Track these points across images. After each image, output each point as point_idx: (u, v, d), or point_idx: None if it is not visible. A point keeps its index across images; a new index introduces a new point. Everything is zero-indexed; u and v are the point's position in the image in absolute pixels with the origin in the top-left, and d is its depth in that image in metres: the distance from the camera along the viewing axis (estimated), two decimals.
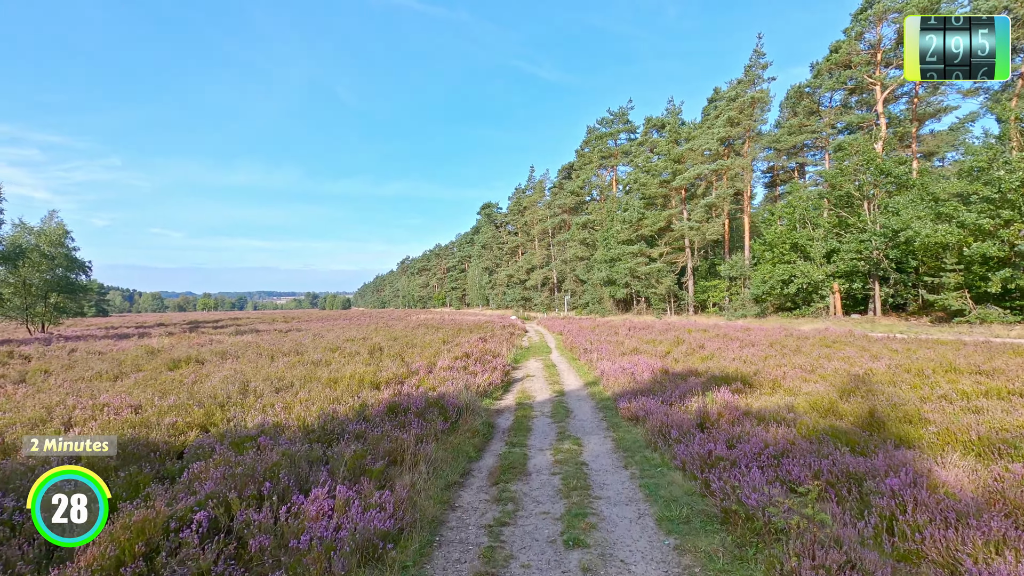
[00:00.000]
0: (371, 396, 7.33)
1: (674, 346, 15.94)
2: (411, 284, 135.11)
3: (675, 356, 13.63)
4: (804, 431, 5.65)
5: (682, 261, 41.44)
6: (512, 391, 10.07)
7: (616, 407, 7.79)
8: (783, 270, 30.41)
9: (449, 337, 20.30)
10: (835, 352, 12.86)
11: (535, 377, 11.92)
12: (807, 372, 10.01)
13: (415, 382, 8.83)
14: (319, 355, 14.57)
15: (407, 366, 10.64)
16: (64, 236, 41.00)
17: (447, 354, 13.38)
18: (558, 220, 60.96)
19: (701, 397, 7.79)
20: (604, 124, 52.67)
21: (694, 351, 14.66)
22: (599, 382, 10.46)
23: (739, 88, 35.73)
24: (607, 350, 14.84)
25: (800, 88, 40.99)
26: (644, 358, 12.76)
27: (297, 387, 8.61)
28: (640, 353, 14.71)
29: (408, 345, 17.34)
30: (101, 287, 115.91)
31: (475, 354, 11.67)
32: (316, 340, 20.65)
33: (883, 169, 28.65)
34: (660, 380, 9.74)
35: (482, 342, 16.59)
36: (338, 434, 5.28)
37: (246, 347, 18.07)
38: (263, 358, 14.91)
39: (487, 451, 5.78)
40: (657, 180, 40.32)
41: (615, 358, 13.12)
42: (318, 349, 16.98)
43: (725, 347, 14.99)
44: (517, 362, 15.13)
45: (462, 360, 10.65)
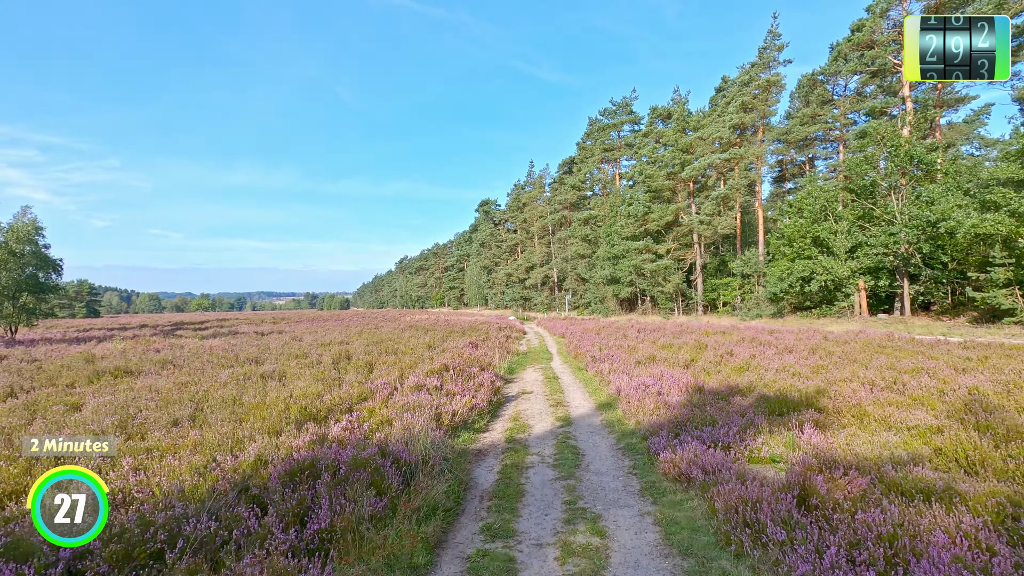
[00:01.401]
0: (290, 441, 4.98)
1: (697, 353, 13.58)
2: (409, 284, 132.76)
3: (703, 366, 11.27)
4: (989, 512, 3.30)
5: (690, 258, 39.05)
6: (502, 417, 7.72)
7: (649, 451, 5.42)
8: (803, 266, 28.04)
9: (437, 341, 17.95)
10: (896, 361, 10.49)
11: (533, 395, 9.57)
12: (889, 391, 7.66)
13: (370, 407, 6.49)
14: (276, 365, 12.24)
15: (371, 382, 8.29)
16: (36, 233, 38.73)
17: (427, 364, 11.05)
18: (559, 216, 58.58)
19: (768, 434, 5.44)
20: (607, 115, 50.29)
21: (723, 359, 12.30)
22: (616, 404, 8.11)
23: (752, 72, 33.35)
24: (619, 358, 12.48)
25: (813, 76, 38.62)
26: (666, 369, 10.41)
27: (206, 416, 6.27)
28: (658, 361, 12.36)
29: (387, 351, 15.00)
30: (92, 288, 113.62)
31: (457, 365, 9.30)
32: (287, 345, 18.33)
33: (913, 156, 26.28)
34: (696, 402, 7.39)
35: (472, 348, 14.22)
36: (177, 533, 2.94)
37: (203, 353, 15.75)
38: (212, 367, 12.60)
39: (447, 549, 3.43)
40: (664, 172, 37.93)
41: (630, 368, 10.77)
42: (282, 356, 14.66)
43: (759, 354, 12.63)
44: (512, 372, 12.77)
45: (437, 376, 8.28)
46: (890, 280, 28.01)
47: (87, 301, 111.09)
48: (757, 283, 34.43)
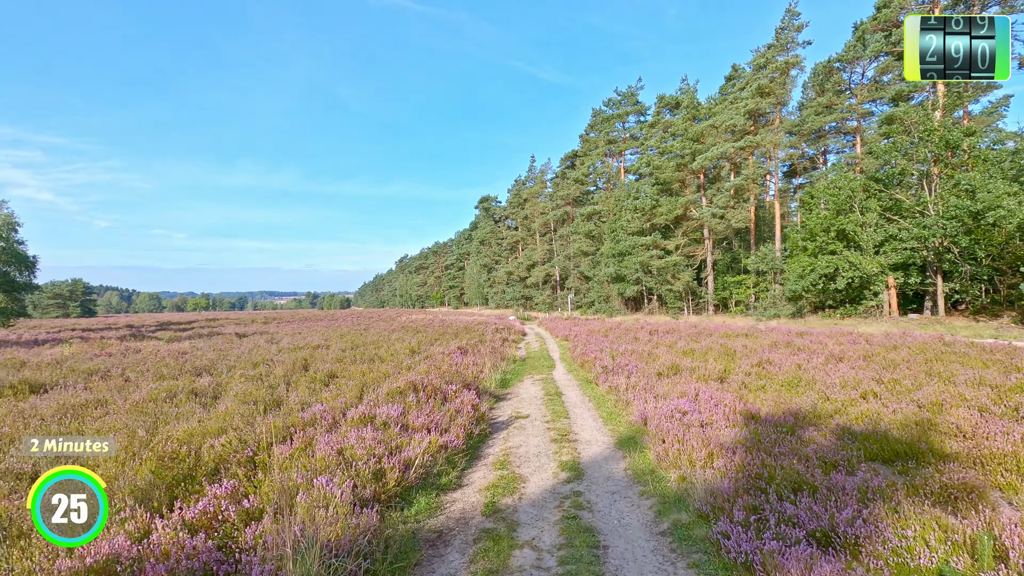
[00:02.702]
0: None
1: (728, 361, 11.39)
2: (409, 283, 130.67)
3: (742, 380, 9.08)
4: None
5: (700, 254, 36.78)
6: (484, 460, 5.54)
7: (718, 550, 3.24)
8: (827, 262, 25.78)
9: (422, 345, 15.80)
10: (981, 372, 8.26)
11: (530, 421, 7.39)
12: (1013, 420, 5.47)
13: (283, 457, 4.33)
14: (219, 377, 10.11)
15: (307, 410, 6.13)
16: (10, 229, 36.81)
17: (403, 375, 8.90)
18: (561, 212, 56.32)
19: (911, 515, 3.27)
20: (611, 105, 48.02)
21: (762, 370, 10.11)
22: (643, 440, 5.92)
23: (769, 54, 31.06)
24: (635, 368, 10.29)
25: (829, 63, 36.27)
26: (698, 384, 8.22)
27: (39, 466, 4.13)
28: (683, 373, 10.18)
29: (361, 358, 12.86)
30: (87, 287, 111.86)
31: (432, 382, 7.10)
32: (255, 350, 16.22)
33: (948, 141, 24.00)
34: (756, 439, 5.21)
35: (460, 355, 12.06)
36: None
37: (153, 360, 13.64)
38: (146, 378, 10.51)
39: None
40: (673, 163, 35.66)
41: (652, 383, 8.58)
42: (240, 363, 12.56)
43: (804, 363, 10.44)
44: (506, 385, 10.60)
45: (399, 401, 6.09)
46: (920, 277, 25.75)
47: (81, 300, 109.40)
48: (774, 281, 32.16)
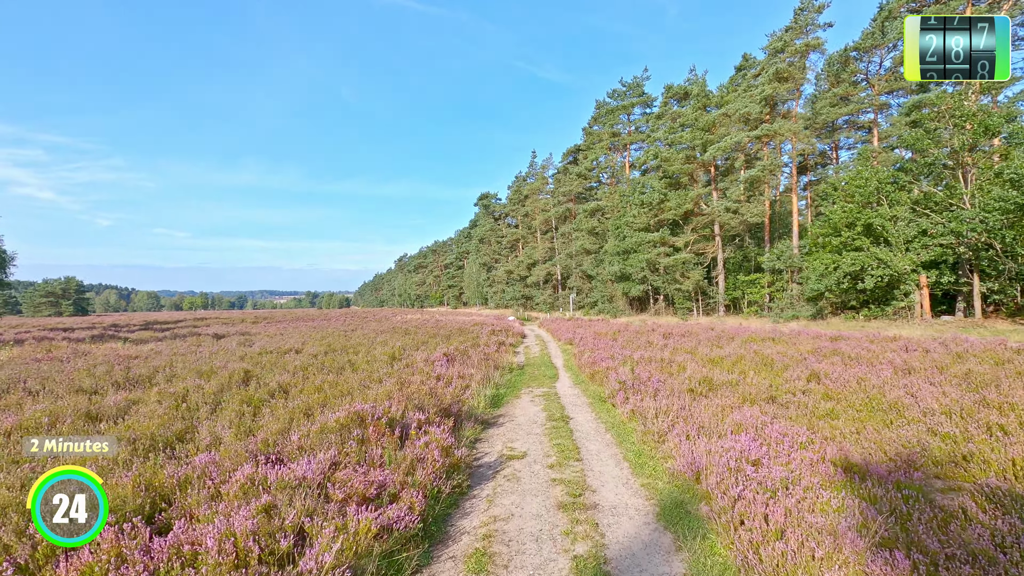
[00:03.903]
0: None
1: (769, 374, 9.35)
2: (407, 282, 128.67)
3: (800, 401, 7.03)
4: None
5: (711, 252, 34.69)
6: (452, 548, 3.49)
7: None
8: (852, 259, 23.71)
9: (406, 350, 13.78)
10: None
11: (526, 464, 5.35)
12: None
13: None
14: (119, 398, 8.09)
15: (191, 461, 4.08)
16: None
17: (371, 390, 6.90)
18: (563, 209, 54.27)
19: None
20: (616, 97, 45.94)
21: (818, 386, 8.06)
22: (697, 510, 3.88)
23: (787, 37, 28.97)
24: (659, 383, 8.26)
25: (845, 52, 34.20)
26: (750, 411, 6.19)
27: None
28: (718, 389, 8.15)
29: (330, 366, 10.84)
30: (80, 285, 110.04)
31: (382, 416, 5.06)
32: (216, 355, 14.19)
33: (988, 127, 21.93)
34: (898, 523, 3.18)
35: (446, 363, 10.04)
36: None
37: (95, 366, 11.63)
38: (61, 394, 8.49)
39: None
40: (682, 155, 33.57)
41: (688, 406, 6.55)
42: (185, 372, 10.54)
43: (869, 377, 8.39)
44: (498, 403, 8.56)
45: (335, 445, 4.07)
46: (954, 276, 23.69)
47: (75, 299, 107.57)
48: (791, 280, 30.09)
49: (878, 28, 30.29)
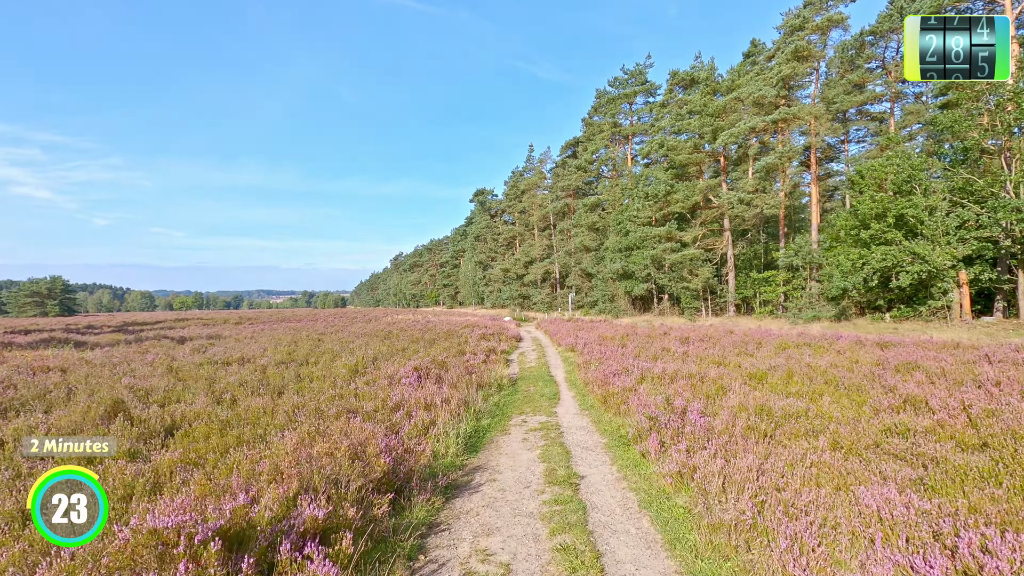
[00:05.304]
0: None
1: (846, 398, 6.98)
2: (403, 282, 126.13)
3: (920, 451, 4.68)
4: None
5: (720, 248, 32.35)
6: None
7: None
8: (884, 253, 21.39)
9: (375, 361, 11.38)
10: None
11: None
12: None
13: None
14: None
15: None
16: None
17: (291, 433, 4.54)
18: (561, 204, 51.88)
19: None
20: (617, 85, 43.58)
21: (923, 420, 5.71)
22: None
23: (806, 13, 26.64)
24: (703, 416, 5.90)
25: (861, 36, 31.90)
26: (887, 489, 3.85)
27: None
28: (778, 422, 5.80)
29: (274, 383, 8.44)
30: (66, 285, 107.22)
31: (234, 530, 2.70)
32: (138, 369, 11.78)
33: None
34: None
35: (415, 381, 7.65)
36: None
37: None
38: None
39: None
40: (690, 143, 31.23)
41: (772, 469, 4.22)
42: (102, 388, 8.14)
43: (977, 401, 6.05)
44: (478, 442, 6.17)
45: None
46: (995, 272, 21.44)
47: (60, 299, 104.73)
48: (809, 277, 27.79)
49: (896, 10, 28.11)
